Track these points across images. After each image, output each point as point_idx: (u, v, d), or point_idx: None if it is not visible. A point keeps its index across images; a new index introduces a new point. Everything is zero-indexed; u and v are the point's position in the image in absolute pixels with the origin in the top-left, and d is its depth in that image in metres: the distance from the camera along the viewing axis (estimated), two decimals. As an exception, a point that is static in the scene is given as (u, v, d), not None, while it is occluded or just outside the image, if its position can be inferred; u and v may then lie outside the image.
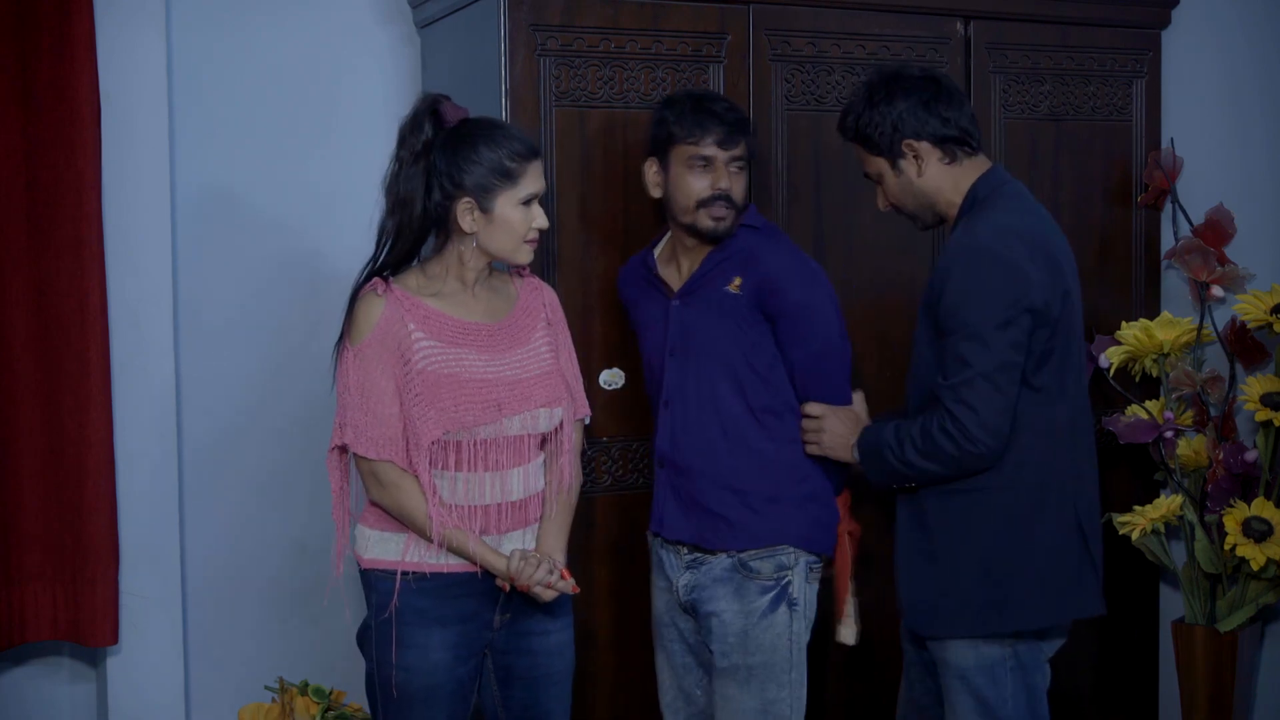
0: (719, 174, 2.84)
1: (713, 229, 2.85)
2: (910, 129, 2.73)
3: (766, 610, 2.85)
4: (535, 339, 2.72)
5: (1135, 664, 3.79)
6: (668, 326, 2.93)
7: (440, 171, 2.58)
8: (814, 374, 2.89)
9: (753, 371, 2.86)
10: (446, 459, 2.59)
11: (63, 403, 3.18)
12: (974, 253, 2.64)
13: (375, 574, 2.64)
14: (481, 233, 2.60)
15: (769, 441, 2.88)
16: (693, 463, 2.90)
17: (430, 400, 2.56)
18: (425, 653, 2.59)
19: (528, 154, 2.61)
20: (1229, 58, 3.89)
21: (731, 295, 2.86)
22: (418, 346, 2.57)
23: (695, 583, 2.92)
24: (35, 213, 3.16)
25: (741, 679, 2.86)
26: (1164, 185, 3.70)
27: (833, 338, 2.90)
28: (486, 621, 2.66)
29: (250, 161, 3.45)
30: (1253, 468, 3.57)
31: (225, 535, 3.47)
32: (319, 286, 3.38)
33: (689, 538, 2.92)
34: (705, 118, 2.83)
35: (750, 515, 2.86)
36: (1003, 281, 2.61)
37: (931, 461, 2.67)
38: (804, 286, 2.87)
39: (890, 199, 2.82)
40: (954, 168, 2.75)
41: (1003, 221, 2.68)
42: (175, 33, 3.36)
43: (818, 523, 2.91)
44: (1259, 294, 3.61)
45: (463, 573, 2.62)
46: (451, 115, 2.61)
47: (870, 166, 2.81)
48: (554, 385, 2.71)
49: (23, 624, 3.20)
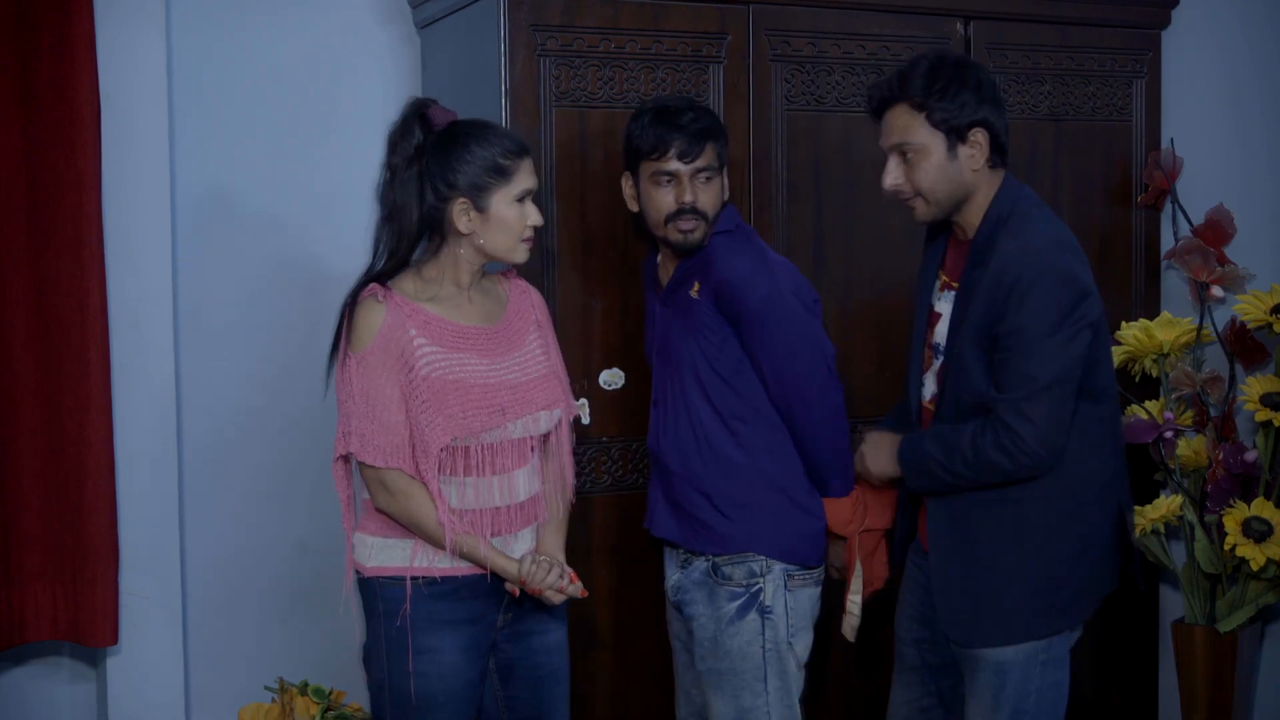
0: (683, 188, 2.82)
1: (681, 242, 2.85)
2: (987, 119, 2.67)
3: (734, 617, 2.85)
4: (529, 341, 2.72)
5: (1135, 664, 3.79)
6: (656, 326, 2.96)
7: (433, 174, 2.58)
8: (786, 381, 2.83)
9: (718, 377, 2.85)
10: (455, 465, 2.59)
11: (63, 403, 3.18)
12: (1034, 271, 2.59)
13: (381, 581, 2.62)
14: (478, 232, 2.60)
15: (737, 448, 2.85)
16: (672, 464, 2.91)
17: (438, 407, 2.55)
18: (440, 656, 2.59)
19: (519, 151, 2.62)
20: (1229, 58, 3.89)
21: (694, 301, 2.85)
22: (420, 353, 2.56)
23: (680, 584, 2.95)
24: (35, 213, 3.16)
25: (715, 683, 2.88)
26: (1164, 185, 3.71)
27: (800, 339, 2.83)
28: (492, 622, 2.67)
29: (250, 162, 3.45)
30: (1253, 468, 3.57)
31: (225, 535, 3.47)
32: (319, 286, 3.38)
33: (674, 537, 2.93)
34: (666, 131, 2.82)
35: (721, 520, 2.86)
36: (1066, 297, 2.59)
37: (984, 474, 2.65)
38: (761, 288, 2.81)
39: (919, 178, 2.69)
40: (991, 172, 2.72)
41: (1051, 234, 2.66)
42: (175, 33, 3.36)
43: (795, 532, 2.88)
44: (1259, 294, 3.61)
45: (472, 575, 2.62)
46: (440, 118, 2.62)
47: (916, 137, 2.67)
48: (552, 387, 2.72)
49: (23, 624, 3.20)
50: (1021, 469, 2.63)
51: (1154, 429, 3.55)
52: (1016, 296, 2.59)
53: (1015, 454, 2.61)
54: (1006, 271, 2.61)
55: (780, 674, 2.87)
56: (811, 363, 2.85)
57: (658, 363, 2.96)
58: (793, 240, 3.28)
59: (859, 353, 3.38)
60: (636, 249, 3.16)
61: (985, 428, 2.63)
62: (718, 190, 2.87)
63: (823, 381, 2.86)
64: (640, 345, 3.15)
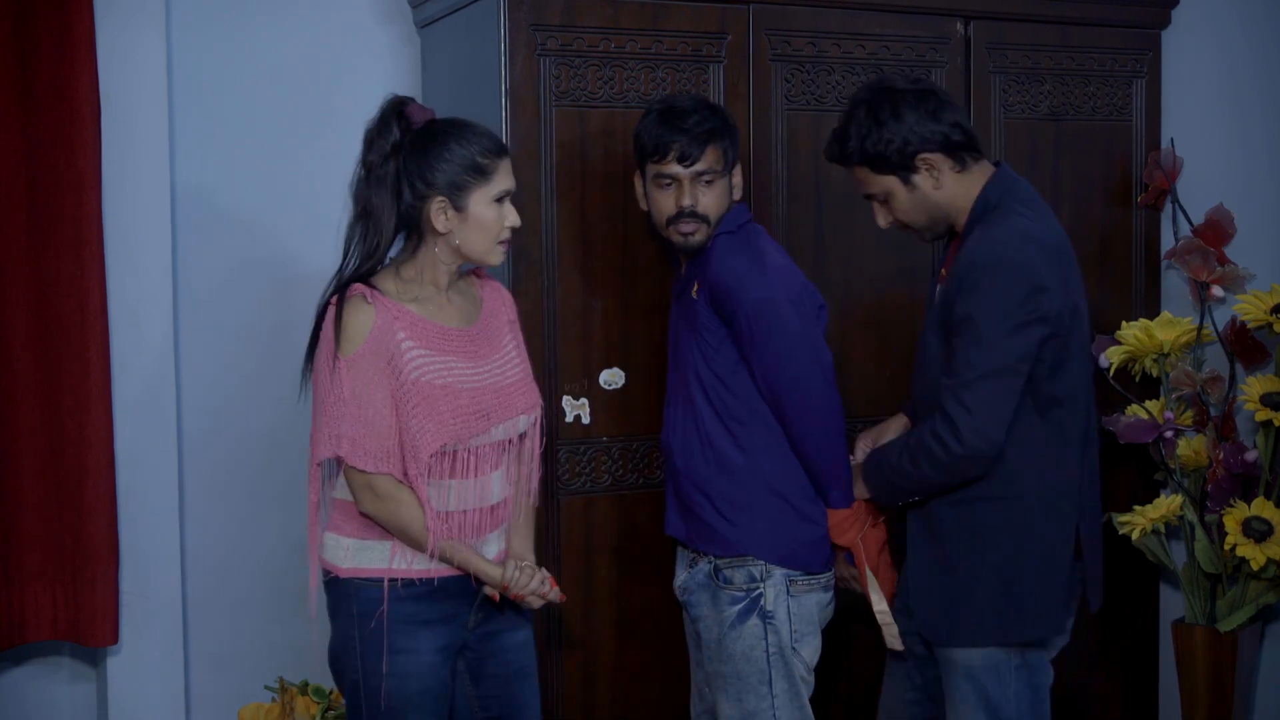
0: (682, 191, 2.81)
1: (683, 244, 2.85)
2: (923, 142, 2.67)
3: (735, 621, 2.84)
4: (505, 342, 2.70)
5: (1135, 664, 3.79)
6: (672, 326, 2.96)
7: (411, 172, 2.55)
8: (779, 387, 2.80)
9: (715, 377, 2.83)
10: (440, 469, 2.55)
11: (63, 403, 3.18)
12: (990, 260, 2.60)
13: (358, 583, 2.57)
14: (456, 232, 2.56)
15: (736, 449, 2.84)
16: (678, 462, 2.90)
17: (428, 412, 2.52)
18: (417, 657, 2.56)
19: (498, 151, 2.59)
20: (1229, 58, 3.89)
21: (694, 301, 2.85)
22: (408, 356, 2.53)
23: (685, 584, 2.94)
24: (35, 213, 3.16)
25: (720, 686, 2.87)
26: (1164, 185, 3.70)
27: (793, 346, 2.79)
28: (464, 622, 2.64)
29: (250, 162, 3.45)
30: (1253, 468, 3.57)
31: (225, 535, 3.47)
32: (319, 286, 3.36)
33: (681, 536, 2.93)
34: (667, 133, 2.80)
35: (721, 521, 2.85)
36: (1017, 288, 2.59)
37: (922, 466, 2.66)
38: (754, 289, 2.78)
39: (899, 216, 2.75)
40: (964, 175, 2.72)
41: (1020, 228, 2.65)
42: (175, 33, 3.36)
43: (794, 538, 2.85)
44: (1259, 294, 3.61)
45: (449, 577, 2.59)
46: (418, 116, 2.59)
47: (875, 186, 2.74)
48: (530, 391, 2.70)
49: (23, 624, 3.20)
50: (955, 458, 2.62)
51: (1154, 429, 3.55)
52: (969, 284, 2.60)
53: (947, 440, 2.60)
54: (964, 261, 2.64)
55: (787, 677, 2.85)
56: (805, 370, 2.80)
57: (670, 362, 2.96)
58: (793, 240, 3.28)
59: (859, 352, 3.38)
60: (636, 249, 3.16)
61: (929, 420, 2.65)
62: (722, 192, 2.85)
63: (819, 390, 2.81)
64: (640, 345, 3.16)
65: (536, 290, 3.08)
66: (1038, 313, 2.59)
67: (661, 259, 3.13)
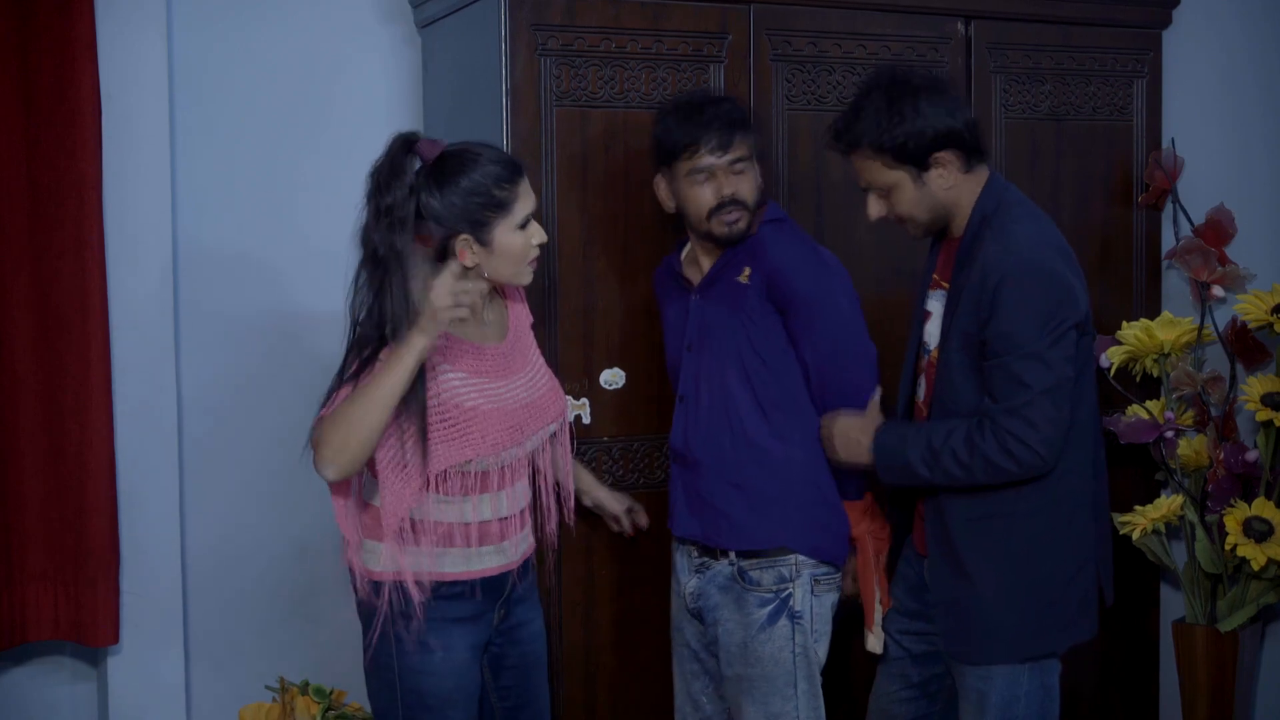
0: (721, 181, 2.81)
1: (728, 234, 2.84)
2: (943, 139, 2.65)
3: (765, 623, 2.83)
4: (532, 353, 2.73)
5: (1135, 664, 3.79)
6: (688, 322, 2.93)
7: (432, 214, 2.50)
8: (827, 375, 2.83)
9: (761, 362, 2.83)
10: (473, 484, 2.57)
11: (63, 403, 3.18)
12: (1017, 271, 2.58)
13: (394, 585, 2.58)
14: (484, 264, 2.56)
15: (776, 439, 2.83)
16: (701, 457, 2.88)
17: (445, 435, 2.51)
18: (453, 654, 2.59)
19: (513, 176, 2.55)
20: (1229, 58, 3.89)
21: (742, 286, 2.83)
22: (444, 379, 2.54)
23: (700, 589, 2.91)
24: (36, 213, 3.16)
25: (745, 689, 2.85)
26: (1165, 185, 3.70)
27: (846, 336, 2.84)
28: (490, 619, 2.67)
29: (251, 161, 3.45)
30: (1253, 468, 3.57)
31: (225, 535, 3.47)
32: (319, 286, 3.38)
33: (695, 534, 2.90)
34: (695, 128, 2.80)
35: (751, 515, 2.83)
36: (1052, 297, 2.58)
37: (981, 476, 2.63)
38: (814, 279, 2.82)
39: (900, 210, 2.73)
40: (968, 176, 2.71)
41: (1033, 233, 2.64)
42: (176, 33, 3.36)
43: (826, 529, 2.86)
44: (1259, 294, 3.61)
45: (482, 577, 2.62)
46: (429, 152, 2.53)
47: (882, 178, 2.70)
48: (558, 396, 2.73)
49: (24, 624, 3.20)
50: (1027, 471, 2.62)
51: (1155, 429, 3.55)
52: (1000, 299, 2.58)
53: (1020, 457, 2.59)
54: (990, 274, 2.61)
55: (809, 678, 2.85)
56: (855, 359, 2.86)
57: (688, 357, 2.92)
58: (794, 240, 3.28)
59: (860, 352, 3.38)
60: (638, 249, 3.16)
61: (984, 430, 2.61)
62: (753, 179, 2.86)
63: (866, 378, 2.86)
64: (640, 345, 3.15)
65: (537, 290, 3.07)
66: (1073, 318, 2.60)
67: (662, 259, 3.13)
